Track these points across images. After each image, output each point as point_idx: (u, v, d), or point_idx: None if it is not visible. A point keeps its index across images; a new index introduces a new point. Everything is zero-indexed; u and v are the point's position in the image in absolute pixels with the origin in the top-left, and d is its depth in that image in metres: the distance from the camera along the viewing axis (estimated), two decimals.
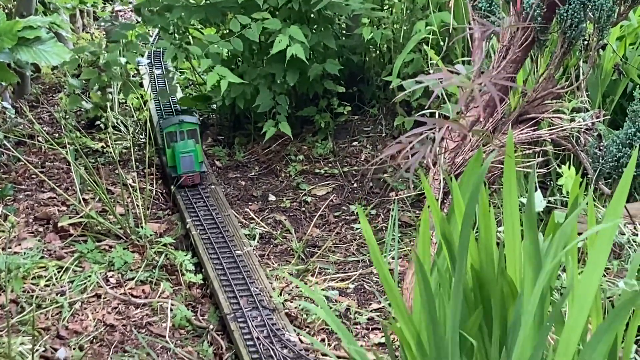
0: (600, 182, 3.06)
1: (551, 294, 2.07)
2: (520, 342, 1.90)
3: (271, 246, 4.68)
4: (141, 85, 7.10)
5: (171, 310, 3.93)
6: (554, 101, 3.11)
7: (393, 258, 4.15)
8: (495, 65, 3.03)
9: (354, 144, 5.87)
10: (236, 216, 4.92)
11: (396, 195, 4.85)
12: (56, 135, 6.09)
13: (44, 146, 5.76)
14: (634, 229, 3.26)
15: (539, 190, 3.27)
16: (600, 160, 3.03)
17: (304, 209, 5.17)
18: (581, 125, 3.05)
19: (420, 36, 5.07)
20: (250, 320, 3.71)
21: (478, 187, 1.97)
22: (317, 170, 5.63)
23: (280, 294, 3.97)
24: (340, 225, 4.90)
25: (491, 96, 2.95)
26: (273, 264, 4.46)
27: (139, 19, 6.49)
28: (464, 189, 2.19)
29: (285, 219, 4.99)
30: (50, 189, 5.11)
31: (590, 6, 2.89)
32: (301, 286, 2.72)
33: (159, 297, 4.06)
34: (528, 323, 1.89)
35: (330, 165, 5.68)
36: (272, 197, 5.34)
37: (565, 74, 3.66)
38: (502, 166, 2.37)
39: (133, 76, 6.84)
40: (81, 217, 4.65)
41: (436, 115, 4.30)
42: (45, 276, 4.08)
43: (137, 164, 5.29)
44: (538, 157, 3.62)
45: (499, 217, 3.14)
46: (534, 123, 3.09)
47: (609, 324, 1.75)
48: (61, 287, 4.02)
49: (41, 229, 4.62)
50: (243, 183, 5.58)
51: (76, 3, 8.00)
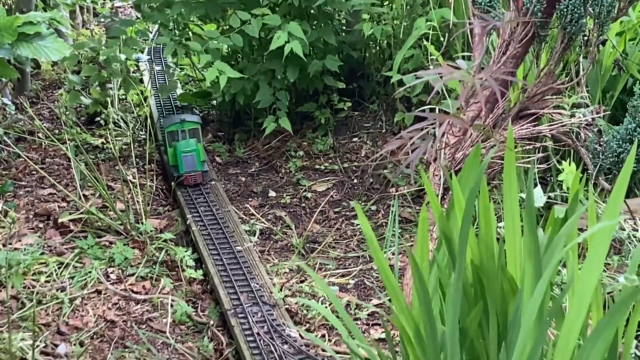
0: (600, 177, 3.06)
1: (551, 289, 2.07)
2: (520, 337, 1.90)
3: (271, 242, 4.68)
4: (141, 81, 7.10)
5: (171, 306, 3.93)
6: (554, 97, 3.10)
7: (393, 254, 4.15)
8: (496, 61, 3.02)
9: (354, 140, 5.87)
10: (236, 212, 4.93)
11: (396, 191, 4.85)
12: (56, 131, 6.09)
13: (44, 142, 5.77)
14: (634, 224, 3.27)
15: (539, 186, 3.26)
16: (601, 156, 3.02)
17: (304, 204, 5.17)
18: (581, 120, 3.05)
19: (420, 32, 5.06)
20: (251, 315, 3.71)
21: (478, 183, 1.97)
22: (317, 166, 5.63)
23: (281, 290, 3.97)
24: (341, 221, 4.90)
25: (491, 91, 2.95)
26: (273, 259, 4.46)
27: (139, 15, 6.49)
28: (464, 184, 2.19)
29: (286, 215, 4.99)
30: (50, 185, 5.11)
31: (590, 2, 2.89)
32: (314, 276, 2.72)
33: (159, 293, 4.06)
34: (529, 319, 1.89)
35: (330, 161, 5.68)
36: (272, 193, 5.34)
37: (565, 69, 3.66)
38: (502, 162, 2.37)
39: (133, 72, 6.83)
40: (81, 213, 4.65)
41: (436, 111, 4.30)
42: (46, 272, 4.08)
43: (137, 160, 5.29)
44: (538, 152, 3.62)
45: (499, 213, 3.14)
46: (534, 119, 3.09)
47: (609, 319, 1.75)
48: (61, 283, 4.02)
49: (41, 225, 4.62)
50: (243, 179, 5.58)
51: None
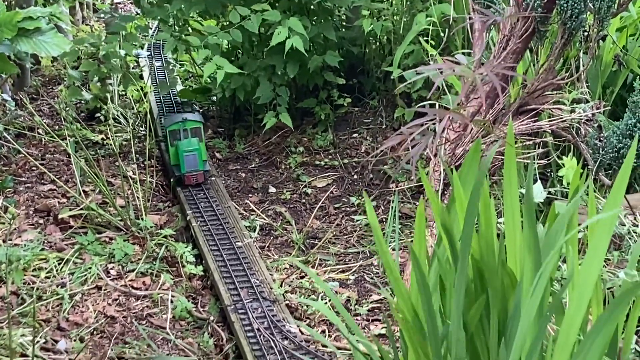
0: (600, 173, 3.07)
1: (551, 284, 2.07)
2: (520, 332, 1.90)
3: (271, 238, 4.68)
4: (141, 77, 7.09)
5: (172, 301, 3.94)
6: (554, 92, 3.11)
7: (394, 249, 4.15)
8: (496, 56, 3.02)
9: (354, 135, 5.87)
10: (236, 208, 4.93)
11: (396, 187, 4.85)
12: (56, 127, 6.09)
13: (44, 138, 5.76)
14: (635, 219, 3.27)
15: (539, 182, 3.27)
16: (601, 151, 3.03)
17: (304, 200, 5.17)
18: (581, 116, 3.05)
19: (420, 27, 5.06)
20: (251, 311, 3.71)
21: (481, 178, 1.97)
22: (317, 162, 5.63)
23: (281, 286, 3.97)
24: (341, 216, 4.90)
25: (492, 87, 2.95)
26: (273, 255, 4.46)
27: (139, 11, 6.48)
28: (464, 180, 2.19)
29: (286, 211, 4.99)
30: (50, 181, 5.11)
31: None
32: (312, 275, 2.72)
33: (159, 288, 4.06)
34: (528, 313, 1.89)
35: (330, 157, 5.67)
36: (272, 189, 5.34)
37: (565, 65, 3.66)
38: (502, 157, 2.37)
39: (133, 68, 6.83)
40: (81, 209, 4.65)
41: (437, 107, 4.30)
42: (46, 268, 4.08)
43: (137, 156, 5.29)
44: (538, 148, 3.62)
45: (499, 209, 3.14)
46: (535, 114, 3.09)
47: (609, 314, 1.75)
48: (62, 278, 4.02)
49: (41, 221, 4.62)
50: (243, 175, 5.58)
51: None
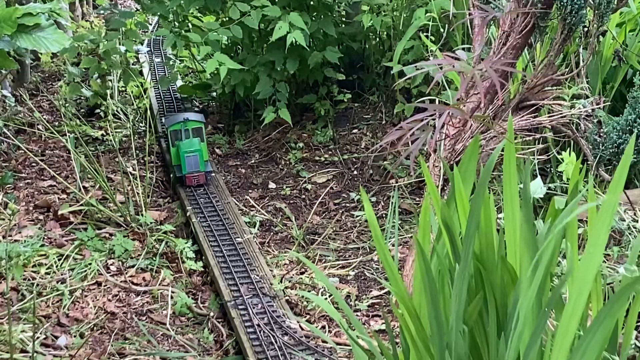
0: (600, 168, 3.06)
1: (551, 280, 2.07)
2: (518, 327, 1.90)
3: (271, 234, 4.69)
4: (141, 73, 7.09)
5: (172, 297, 3.94)
6: (554, 88, 3.10)
7: (393, 245, 4.15)
8: (496, 52, 3.02)
9: (354, 131, 5.87)
10: (236, 204, 4.93)
11: (396, 183, 4.85)
12: (56, 123, 6.09)
13: (44, 134, 5.76)
14: (634, 215, 3.27)
15: (539, 177, 3.27)
16: (601, 147, 3.02)
17: (304, 196, 5.17)
18: (581, 111, 3.05)
19: (420, 23, 5.06)
20: (251, 307, 3.72)
21: (486, 178, 1.97)
22: (317, 158, 5.63)
23: (281, 282, 3.97)
24: (341, 212, 4.90)
25: (491, 82, 2.94)
26: (273, 251, 4.46)
27: (139, 7, 6.47)
28: (463, 175, 2.19)
29: (286, 207, 4.99)
30: (50, 177, 5.11)
31: None
32: (314, 269, 2.72)
33: (159, 284, 4.07)
34: (526, 308, 1.89)
35: (330, 152, 5.68)
36: (272, 185, 5.34)
37: (565, 60, 3.65)
38: (502, 153, 2.37)
39: (133, 64, 6.82)
40: (81, 205, 4.65)
41: (436, 102, 4.30)
42: (46, 264, 4.08)
43: (137, 152, 5.29)
44: (538, 144, 3.62)
45: (499, 204, 3.14)
46: (534, 110, 3.08)
47: (609, 309, 1.75)
48: (62, 274, 4.02)
49: (41, 217, 4.63)
50: (243, 171, 5.58)
51: None
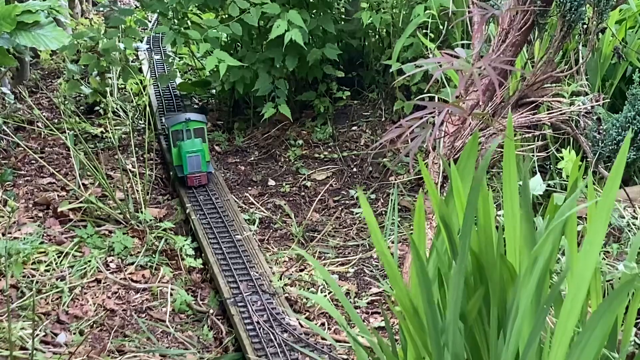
0: (599, 165, 3.07)
1: (550, 277, 2.07)
2: (517, 324, 1.90)
3: (271, 231, 4.69)
4: (140, 70, 7.09)
5: (171, 294, 3.94)
6: (554, 85, 3.10)
7: (393, 242, 4.15)
8: (495, 49, 3.02)
9: (354, 128, 5.87)
10: (236, 201, 4.93)
11: (396, 180, 4.85)
12: (55, 120, 6.09)
13: (44, 132, 5.76)
14: (634, 212, 3.27)
15: (538, 174, 3.27)
16: (600, 144, 3.03)
17: (303, 193, 5.17)
18: (580, 108, 3.05)
19: (420, 20, 5.05)
20: (250, 304, 3.72)
21: (482, 174, 1.97)
22: (316, 155, 5.63)
23: (280, 279, 3.98)
24: (340, 209, 4.90)
25: (490, 80, 2.94)
26: (273, 248, 4.46)
27: (138, 4, 6.47)
28: (462, 172, 2.19)
29: (285, 204, 4.99)
30: (49, 174, 5.11)
31: None
32: (315, 264, 2.71)
33: (159, 281, 4.07)
34: (525, 304, 1.89)
35: (329, 149, 5.67)
36: (271, 182, 5.34)
37: (564, 57, 3.65)
38: (501, 150, 2.37)
39: (132, 61, 6.82)
40: (81, 202, 4.65)
41: (435, 100, 4.30)
42: (45, 261, 4.08)
43: (136, 149, 5.28)
44: (537, 141, 3.62)
45: (498, 201, 3.14)
46: (534, 107, 3.09)
47: (608, 305, 1.75)
48: (61, 272, 4.02)
49: (41, 214, 4.62)
50: (242, 168, 5.58)
51: None
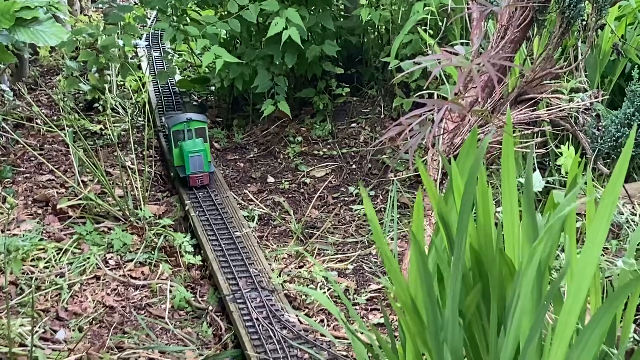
0: (599, 162, 3.07)
1: (550, 273, 2.07)
2: (517, 320, 1.90)
3: (270, 227, 4.69)
4: (139, 67, 7.08)
5: (170, 291, 3.94)
6: (553, 81, 3.10)
7: (392, 239, 4.15)
8: (494, 46, 3.02)
9: (353, 125, 5.87)
10: (235, 198, 4.93)
11: (395, 177, 4.85)
12: (54, 117, 6.09)
13: (43, 128, 5.76)
14: (633, 208, 3.27)
15: (537, 171, 3.27)
16: (599, 140, 3.03)
17: (302, 190, 5.17)
18: (580, 105, 3.05)
19: (419, 17, 5.05)
20: (250, 301, 3.72)
21: (477, 167, 1.97)
22: (315, 152, 5.63)
23: (279, 275, 3.97)
24: (339, 206, 4.90)
25: (490, 76, 2.94)
26: (272, 245, 4.46)
27: (137, 1, 6.47)
28: (461, 169, 2.19)
29: (284, 201, 4.99)
30: (49, 171, 5.11)
31: None
32: (314, 262, 2.71)
33: (158, 278, 4.07)
34: (525, 300, 1.89)
35: (329, 146, 5.67)
36: (270, 179, 5.34)
37: (563, 54, 3.65)
38: (500, 146, 2.37)
39: (131, 58, 6.82)
40: (80, 199, 4.64)
41: (435, 97, 4.30)
42: (45, 258, 4.08)
43: (135, 146, 5.28)
44: (536, 137, 3.62)
45: (497, 198, 3.14)
46: (533, 103, 3.09)
47: (608, 306, 1.75)
48: (60, 268, 4.02)
49: (40, 211, 4.62)
50: (242, 165, 5.58)
51: None
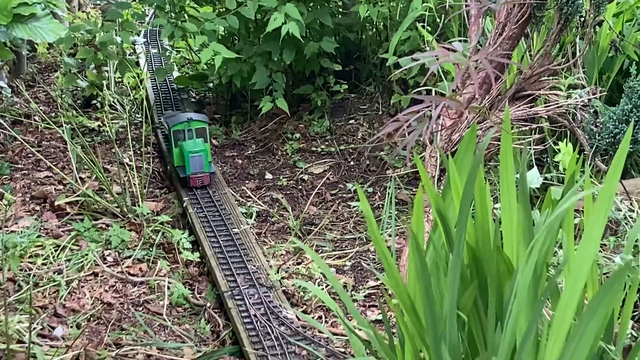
0: (596, 158, 3.07)
1: (547, 270, 2.08)
2: (514, 316, 1.91)
3: (268, 224, 4.69)
4: (137, 64, 7.08)
5: (168, 288, 3.94)
6: (551, 78, 3.10)
7: (390, 236, 4.15)
8: (492, 42, 3.02)
9: (351, 122, 5.86)
10: (233, 194, 4.92)
11: (393, 173, 4.85)
12: (52, 114, 6.08)
13: (41, 125, 5.75)
14: (631, 205, 3.27)
15: (535, 167, 3.27)
16: (597, 137, 3.03)
17: (300, 187, 5.17)
18: (577, 101, 3.05)
19: (417, 14, 5.05)
20: (248, 298, 3.72)
21: (477, 165, 1.97)
22: (313, 149, 5.62)
23: (277, 272, 3.98)
24: (337, 203, 4.90)
25: (487, 73, 2.94)
26: (270, 242, 4.46)
27: None
28: (460, 165, 2.20)
29: (282, 197, 4.99)
30: (46, 167, 5.10)
31: None
32: (313, 256, 2.71)
33: (156, 275, 4.07)
34: (522, 297, 1.89)
35: (327, 143, 5.67)
36: (269, 175, 5.34)
37: (561, 50, 3.65)
38: (498, 143, 2.37)
39: (129, 55, 6.81)
40: (78, 195, 4.64)
41: (433, 93, 4.30)
42: (43, 255, 4.08)
43: (133, 142, 5.28)
44: (534, 134, 3.62)
45: (495, 194, 3.14)
46: (531, 100, 3.09)
47: (603, 296, 1.75)
48: (58, 265, 4.02)
49: (38, 207, 4.62)
50: (240, 161, 5.57)
51: None
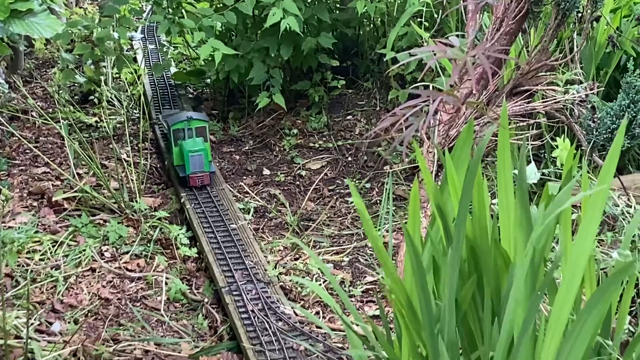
0: (594, 153, 3.07)
1: (545, 265, 2.08)
2: (511, 310, 1.91)
3: (266, 220, 4.69)
4: (135, 60, 7.07)
5: (166, 283, 3.94)
6: (548, 73, 3.10)
7: (387, 231, 4.16)
8: (489, 38, 3.02)
9: (348, 117, 5.86)
10: (230, 190, 4.92)
11: (390, 169, 4.85)
12: (50, 110, 6.07)
13: (38, 121, 5.75)
14: (628, 200, 3.28)
15: (533, 163, 3.27)
16: (594, 132, 3.03)
17: (298, 182, 5.17)
18: (575, 97, 3.05)
19: (414, 9, 5.05)
20: (245, 293, 3.72)
21: (477, 162, 1.98)
22: (311, 144, 5.63)
23: (275, 267, 3.98)
24: (335, 198, 4.90)
25: (484, 69, 2.94)
26: (267, 237, 4.46)
27: None
28: (457, 161, 2.20)
29: (280, 193, 4.99)
30: (44, 163, 5.10)
31: None
32: (309, 253, 2.71)
33: (153, 270, 4.07)
34: (519, 291, 1.89)
35: (324, 139, 5.67)
36: (266, 171, 5.34)
37: (559, 46, 3.66)
38: (495, 139, 2.38)
39: (127, 51, 6.80)
40: (75, 191, 4.64)
41: (430, 89, 4.30)
42: (40, 250, 4.08)
43: (131, 138, 5.28)
44: (532, 129, 3.62)
45: (493, 190, 3.14)
46: (528, 95, 3.09)
47: (602, 293, 1.76)
48: (56, 261, 4.02)
49: (35, 203, 4.62)
50: (237, 157, 5.57)
51: None
